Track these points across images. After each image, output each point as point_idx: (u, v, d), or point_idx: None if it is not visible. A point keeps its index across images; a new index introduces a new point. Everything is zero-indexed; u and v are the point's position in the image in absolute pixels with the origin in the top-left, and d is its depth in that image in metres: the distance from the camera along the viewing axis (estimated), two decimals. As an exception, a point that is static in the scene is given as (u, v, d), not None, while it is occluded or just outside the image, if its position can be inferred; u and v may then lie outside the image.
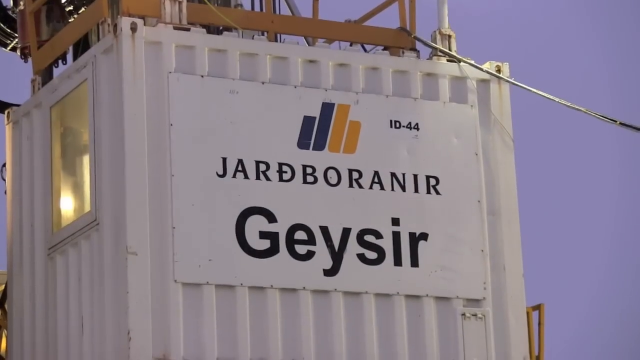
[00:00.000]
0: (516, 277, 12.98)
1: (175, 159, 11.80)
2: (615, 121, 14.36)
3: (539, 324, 15.51)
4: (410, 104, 12.79)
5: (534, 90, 13.73)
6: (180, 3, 12.56)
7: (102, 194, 12.06)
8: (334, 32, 13.71)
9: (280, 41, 13.47)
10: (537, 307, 15.18)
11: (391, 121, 12.62)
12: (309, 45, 13.76)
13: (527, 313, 13.83)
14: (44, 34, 14.92)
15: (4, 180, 14.54)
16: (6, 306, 14.77)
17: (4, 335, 15.18)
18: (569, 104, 14.12)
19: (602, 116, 14.58)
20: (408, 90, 12.81)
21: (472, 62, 13.40)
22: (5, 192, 14.50)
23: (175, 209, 11.69)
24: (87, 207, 12.40)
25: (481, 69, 13.35)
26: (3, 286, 14.91)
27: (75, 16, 15.00)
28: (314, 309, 12.12)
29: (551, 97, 14.17)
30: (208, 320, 11.63)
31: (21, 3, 16.04)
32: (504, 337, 12.71)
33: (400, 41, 13.37)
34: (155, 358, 11.26)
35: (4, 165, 14.57)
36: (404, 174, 12.63)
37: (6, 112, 14.69)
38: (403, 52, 13.34)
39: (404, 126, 12.70)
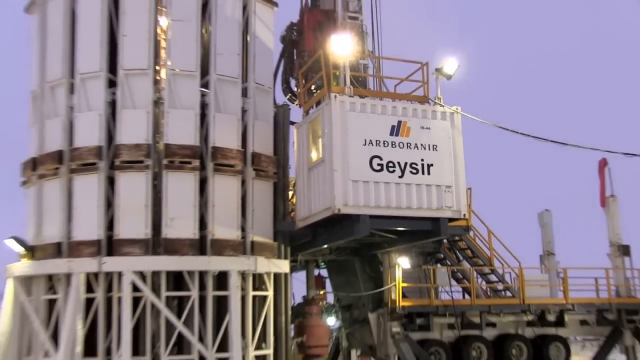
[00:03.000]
0: (461, 177, 14.73)
1: (350, 141, 13.91)
2: (517, 132, 15.98)
3: (470, 196, 17.00)
4: (428, 121, 14.71)
5: (469, 115, 15.36)
6: (350, 89, 14.46)
7: (326, 152, 14.12)
8: (404, 97, 15.44)
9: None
10: (469, 189, 16.34)
11: (421, 126, 14.58)
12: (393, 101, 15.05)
13: (467, 191, 15.44)
14: (307, 97, 16.77)
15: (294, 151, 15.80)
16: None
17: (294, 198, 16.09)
18: (490, 123, 15.78)
19: (511, 130, 15.93)
20: (427, 115, 14.76)
21: (448, 106, 15.01)
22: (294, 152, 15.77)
23: (351, 161, 13.81)
24: (320, 155, 14.43)
25: (451, 109, 15.01)
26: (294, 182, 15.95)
27: (316, 92, 16.74)
28: (395, 190, 14.14)
29: (480, 119, 15.70)
30: (362, 192, 13.79)
31: (297, 88, 17.95)
32: (458, 199, 14.63)
33: (425, 99, 15.24)
34: (343, 204, 13.61)
35: (293, 143, 15.90)
36: (426, 144, 14.57)
37: (294, 125, 16.10)
38: (426, 103, 15.21)
39: (425, 128, 14.62)
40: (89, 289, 13.66)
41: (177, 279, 13.86)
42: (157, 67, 14.39)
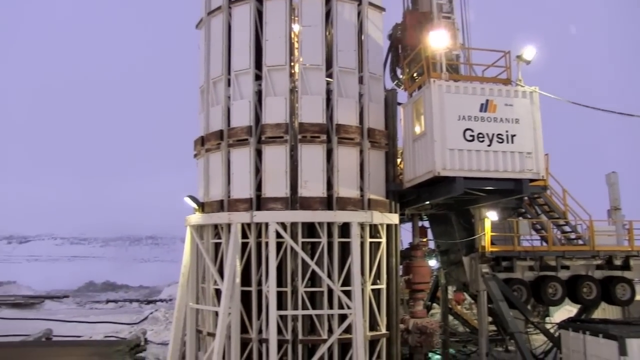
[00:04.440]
0: (540, 145, 13.95)
1: (446, 117, 13.60)
2: (588, 106, 15.49)
3: (548, 160, 16.05)
4: (511, 99, 14.04)
5: (546, 93, 14.67)
6: (446, 74, 14.13)
7: (427, 126, 13.84)
8: (491, 80, 14.67)
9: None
10: (547, 155, 15.35)
11: (505, 104, 13.94)
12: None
13: (545, 156, 14.61)
14: (410, 83, 16.43)
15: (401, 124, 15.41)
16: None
17: None
18: (564, 100, 15.31)
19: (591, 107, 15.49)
20: (510, 94, 14.09)
21: (527, 86, 14.32)
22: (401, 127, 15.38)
23: (447, 133, 13.46)
24: (423, 129, 14.15)
25: (530, 89, 14.27)
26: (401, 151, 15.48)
27: (418, 78, 16.25)
28: (484, 156, 13.66)
29: (555, 96, 15.04)
30: (457, 158, 13.47)
31: (402, 75, 17.50)
32: (537, 163, 13.95)
33: (508, 81, 14.50)
34: (442, 168, 13.38)
35: (400, 120, 15.50)
36: (510, 118, 13.93)
37: (401, 105, 15.56)
38: (508, 84, 14.47)
39: (509, 105, 13.96)
40: (244, 235, 14.00)
41: (310, 229, 14.02)
42: (292, 63, 14.48)
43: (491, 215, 16.51)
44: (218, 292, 14.20)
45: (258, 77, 14.47)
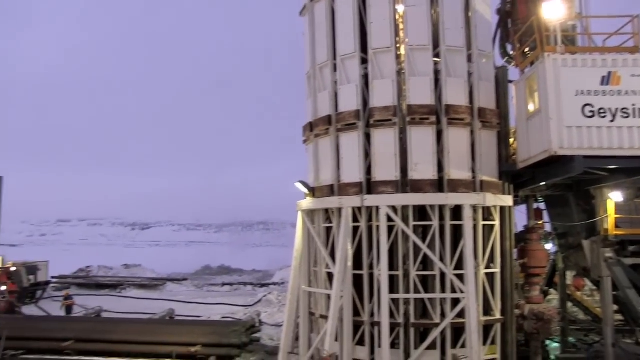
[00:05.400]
0: None
1: (562, 92, 12.60)
2: None
3: None
4: (639, 69, 12.74)
5: None
6: (562, 47, 13.14)
7: (542, 104, 12.92)
8: (614, 50, 13.47)
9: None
10: None
11: (632, 75, 12.66)
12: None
13: None
14: (522, 59, 15.30)
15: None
16: None
17: None
18: None
19: None
20: (638, 64, 12.79)
21: None
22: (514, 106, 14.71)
23: (564, 110, 12.51)
24: (537, 107, 13.10)
25: None
26: (514, 130, 14.77)
27: (530, 54, 15.08)
28: (607, 133, 12.48)
29: None
30: (575, 136, 12.46)
31: (513, 51, 16.74)
32: None
33: (635, 50, 13.16)
34: (559, 147, 12.44)
35: (512, 98, 14.69)
36: (638, 90, 12.67)
37: (513, 83, 14.81)
38: (636, 53, 13.09)
39: (636, 76, 12.70)
40: (355, 219, 14.17)
41: (421, 212, 13.88)
42: (398, 45, 14.32)
43: (615, 196, 15.51)
44: (330, 276, 14.44)
45: (364, 61, 14.46)
